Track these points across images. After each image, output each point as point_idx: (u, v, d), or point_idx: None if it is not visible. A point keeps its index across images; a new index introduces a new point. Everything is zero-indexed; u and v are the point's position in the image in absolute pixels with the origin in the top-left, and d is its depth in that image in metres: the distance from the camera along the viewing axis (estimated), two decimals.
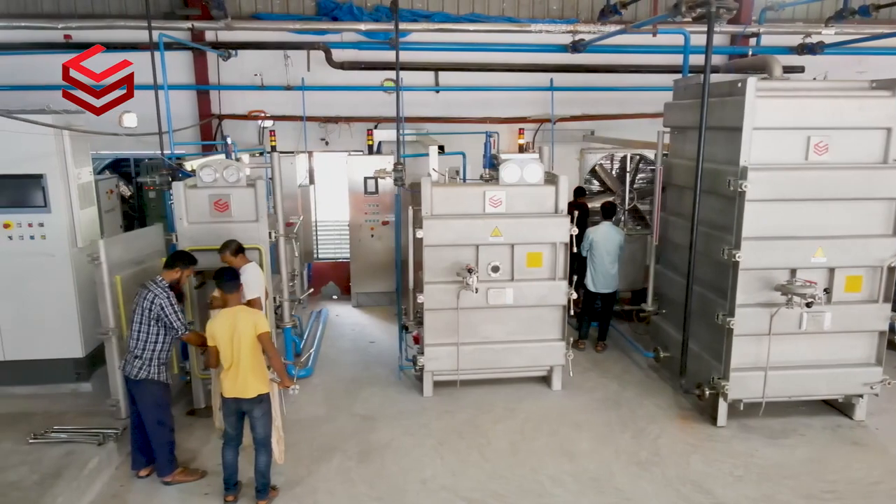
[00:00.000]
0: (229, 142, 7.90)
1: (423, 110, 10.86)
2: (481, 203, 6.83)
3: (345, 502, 5.33)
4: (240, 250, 5.95)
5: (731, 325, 6.10)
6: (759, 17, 10.88)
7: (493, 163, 7.32)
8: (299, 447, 6.07)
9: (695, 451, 6.06)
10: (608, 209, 8.43)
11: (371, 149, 10.38)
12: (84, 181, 6.97)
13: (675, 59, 10.12)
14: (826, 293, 6.05)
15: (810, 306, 5.80)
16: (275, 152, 7.01)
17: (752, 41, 11.11)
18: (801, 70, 10.87)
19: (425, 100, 10.91)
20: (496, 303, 6.91)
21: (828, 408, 6.79)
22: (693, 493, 5.41)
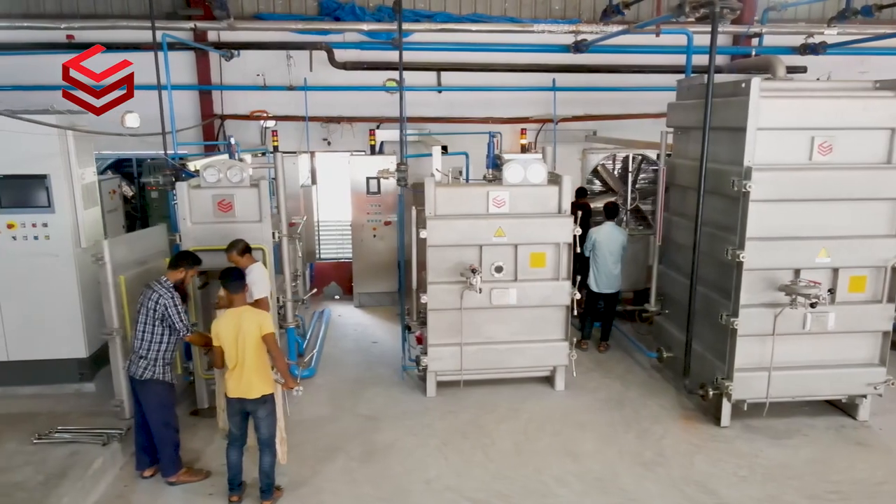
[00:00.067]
0: (233, 142, 7.90)
1: (426, 110, 10.86)
2: (485, 203, 6.83)
3: (349, 503, 5.33)
4: (246, 250, 5.95)
5: (734, 326, 6.10)
6: (762, 18, 10.87)
7: (496, 163, 7.31)
8: (303, 447, 6.07)
9: (699, 451, 6.06)
10: (611, 209, 8.42)
11: (373, 149, 10.40)
12: (87, 181, 6.97)
13: (677, 60, 10.12)
14: (830, 293, 6.06)
15: (814, 307, 5.80)
16: (277, 152, 7.02)
17: (755, 41, 11.10)
18: (803, 70, 10.88)
19: (427, 100, 10.90)
20: (500, 303, 6.92)
21: (831, 408, 6.79)
22: (697, 493, 5.41)
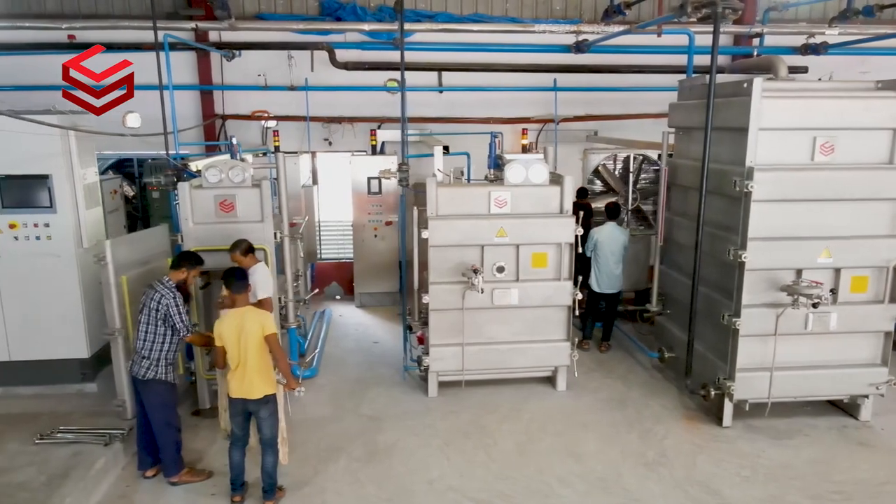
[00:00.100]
0: (234, 142, 7.89)
1: (427, 110, 10.86)
2: (486, 203, 6.83)
3: (352, 503, 5.32)
4: (250, 250, 5.95)
5: (736, 326, 6.10)
6: (763, 18, 10.87)
7: (497, 163, 7.31)
8: (306, 447, 6.07)
9: (701, 451, 6.06)
10: (613, 210, 8.42)
11: (374, 149, 10.40)
12: (89, 181, 6.97)
13: (678, 60, 10.11)
14: (832, 294, 6.06)
15: (817, 307, 5.80)
16: (279, 153, 7.02)
17: (755, 41, 11.10)
18: (804, 70, 10.88)
19: (428, 100, 10.90)
20: (501, 303, 6.91)
21: (833, 408, 6.79)
22: (701, 493, 5.41)
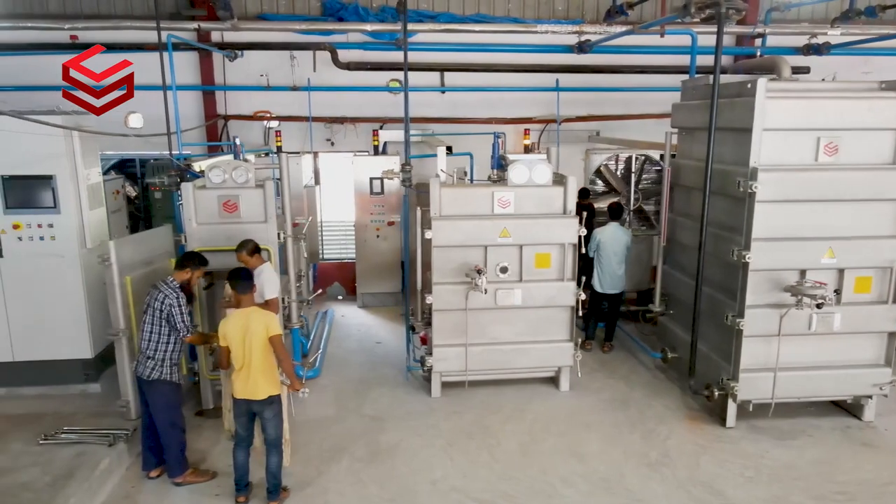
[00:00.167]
0: (238, 143, 7.90)
1: (429, 111, 10.84)
2: (490, 204, 6.83)
3: (356, 503, 5.33)
4: (256, 250, 5.95)
5: (740, 326, 6.10)
6: (765, 18, 10.86)
7: (501, 163, 7.31)
8: (309, 448, 6.07)
9: (704, 451, 6.06)
10: (615, 210, 8.42)
11: (377, 149, 10.40)
12: (93, 182, 6.97)
13: (680, 60, 10.11)
14: (836, 294, 6.06)
15: (820, 307, 5.79)
16: (282, 153, 7.02)
17: (758, 42, 11.09)
18: (806, 71, 10.87)
19: (431, 100, 10.89)
20: (505, 304, 6.91)
21: (836, 409, 6.79)
22: (704, 494, 5.41)
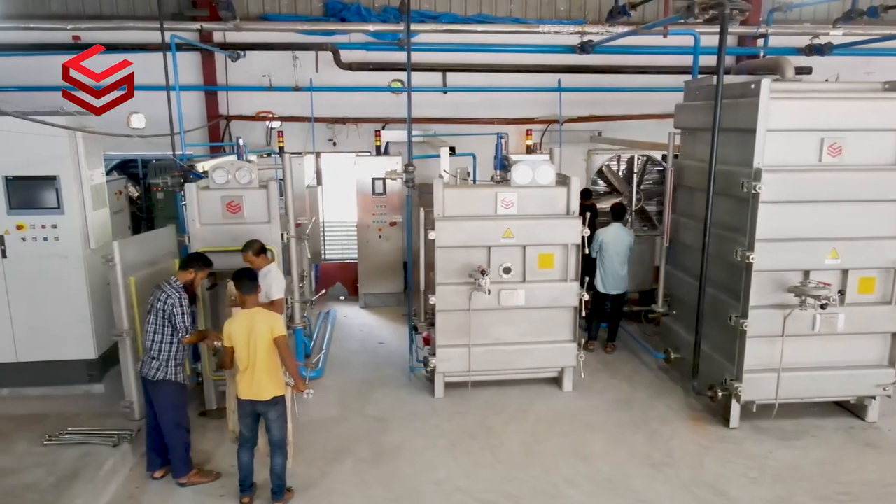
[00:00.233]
0: (241, 143, 7.90)
1: (431, 111, 10.83)
2: (493, 204, 6.83)
3: None
4: (262, 251, 5.95)
5: (744, 327, 6.10)
6: (767, 19, 10.86)
7: (504, 164, 7.32)
8: (312, 448, 6.07)
9: (708, 452, 6.06)
10: (618, 210, 8.42)
11: (379, 150, 10.40)
12: (97, 182, 6.98)
13: (682, 60, 10.11)
14: (840, 295, 6.07)
15: (825, 308, 5.79)
16: (285, 154, 7.02)
17: (760, 42, 11.09)
18: (808, 71, 10.86)
19: (433, 101, 10.88)
20: (508, 304, 6.92)
21: (839, 409, 6.79)
22: (708, 494, 5.41)
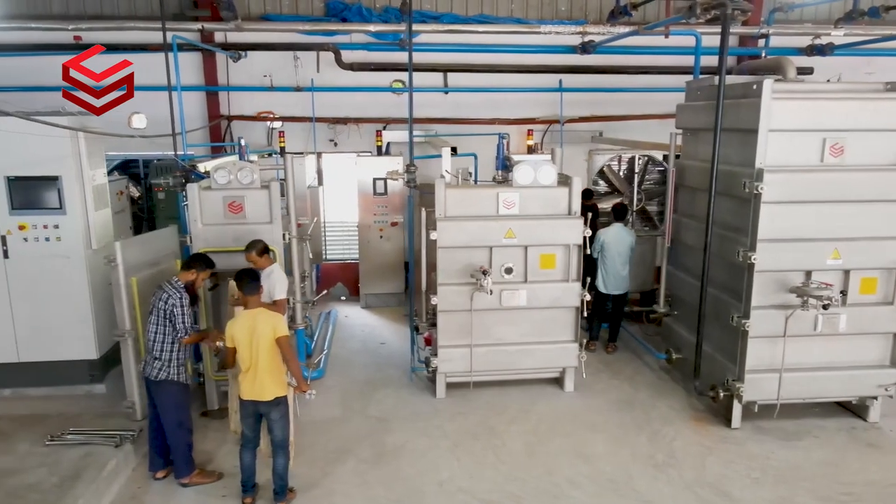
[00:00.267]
0: (243, 143, 7.89)
1: (432, 111, 10.84)
2: (495, 205, 6.83)
3: None
4: (265, 251, 5.95)
5: (746, 327, 6.10)
6: (768, 19, 10.86)
7: (505, 164, 7.31)
8: (314, 449, 6.07)
9: (710, 453, 6.06)
10: (620, 211, 8.42)
11: (380, 150, 10.40)
12: (98, 183, 6.97)
13: (683, 60, 10.11)
14: (843, 295, 6.07)
15: (827, 308, 5.79)
16: (287, 154, 7.02)
17: (761, 42, 11.09)
18: (809, 71, 10.85)
19: (434, 101, 10.88)
20: (510, 304, 6.91)
21: (841, 409, 6.79)
22: (711, 495, 5.41)
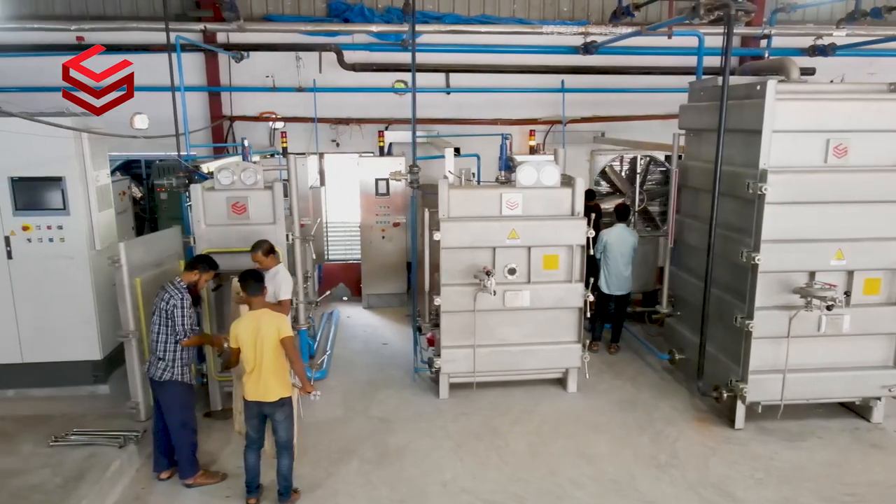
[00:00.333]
0: (246, 144, 7.90)
1: (434, 112, 10.82)
2: (498, 205, 6.83)
3: None
4: (271, 251, 5.95)
5: (749, 328, 6.10)
6: (770, 19, 10.85)
7: (508, 165, 7.32)
8: (317, 449, 6.08)
9: (713, 453, 6.06)
10: (622, 211, 8.42)
11: (382, 150, 10.40)
12: (102, 183, 6.98)
13: (686, 61, 10.10)
14: (846, 296, 6.06)
15: (831, 309, 5.80)
16: (290, 154, 7.02)
17: (763, 43, 11.08)
18: (812, 72, 10.85)
19: (436, 101, 10.87)
20: (513, 305, 6.91)
21: (844, 410, 6.79)
22: (714, 495, 5.41)
